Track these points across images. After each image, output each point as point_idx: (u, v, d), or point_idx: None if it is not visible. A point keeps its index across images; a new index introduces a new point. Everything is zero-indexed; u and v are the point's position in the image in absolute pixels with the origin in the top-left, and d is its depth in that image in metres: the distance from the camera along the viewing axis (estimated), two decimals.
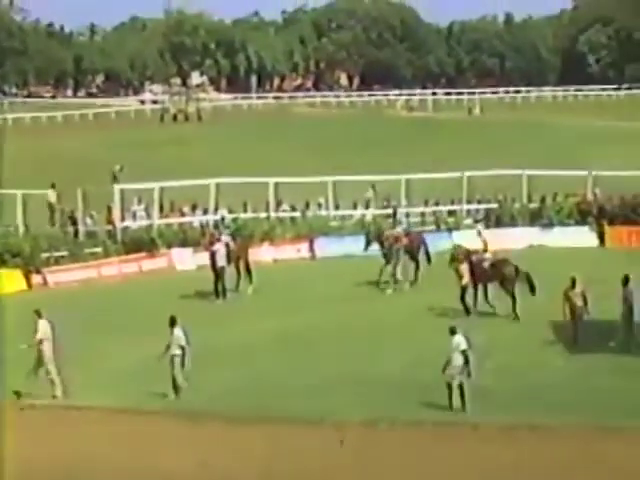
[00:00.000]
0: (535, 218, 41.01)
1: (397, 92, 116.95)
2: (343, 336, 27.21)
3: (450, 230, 40.26)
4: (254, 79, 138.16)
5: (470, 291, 28.96)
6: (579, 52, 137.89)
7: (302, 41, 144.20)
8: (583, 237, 39.89)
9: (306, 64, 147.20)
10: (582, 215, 40.75)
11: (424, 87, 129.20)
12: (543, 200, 42.12)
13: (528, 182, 42.15)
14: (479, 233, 31.74)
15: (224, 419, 20.86)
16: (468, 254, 29.67)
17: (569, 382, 22.95)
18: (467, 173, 42.21)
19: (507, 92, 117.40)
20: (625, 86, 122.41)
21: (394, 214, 36.22)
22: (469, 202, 42.50)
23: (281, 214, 41.07)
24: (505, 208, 41.64)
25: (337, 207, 41.94)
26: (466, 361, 21.12)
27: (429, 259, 33.29)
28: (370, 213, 42.18)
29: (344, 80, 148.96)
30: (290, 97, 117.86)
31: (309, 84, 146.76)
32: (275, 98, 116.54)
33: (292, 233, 39.22)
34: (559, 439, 19.60)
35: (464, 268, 28.92)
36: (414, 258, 33.24)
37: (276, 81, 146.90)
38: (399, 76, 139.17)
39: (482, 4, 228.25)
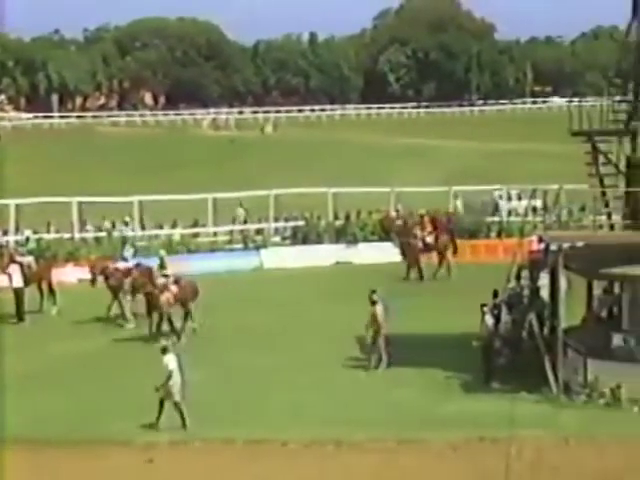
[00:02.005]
0: (340, 235, 41.66)
1: (204, 111, 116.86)
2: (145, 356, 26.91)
3: (258, 248, 40.54)
4: (55, 98, 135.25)
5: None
6: (380, 71, 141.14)
7: (105, 60, 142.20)
8: (387, 253, 40.70)
9: (110, 83, 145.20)
10: (385, 231, 41.60)
11: (231, 106, 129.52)
12: (348, 217, 42.85)
13: (333, 199, 42.85)
14: (161, 259, 30.15)
15: (32, 444, 20.31)
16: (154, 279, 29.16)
17: (372, 397, 23.39)
18: (274, 191, 42.59)
19: (312, 110, 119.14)
20: (424, 104, 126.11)
21: (123, 243, 33.49)
22: (276, 220, 42.87)
23: (86, 234, 40.36)
24: (311, 225, 42.15)
25: (143, 227, 41.50)
26: (171, 379, 21.22)
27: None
28: (177, 232, 41.90)
29: (149, 99, 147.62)
30: (94, 116, 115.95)
31: (113, 103, 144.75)
32: (78, 117, 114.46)
33: (97, 253, 38.48)
34: (363, 453, 19.98)
35: (169, 295, 28.59)
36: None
37: (79, 100, 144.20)
38: (205, 95, 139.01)
39: (286, 23, 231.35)
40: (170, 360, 21.40)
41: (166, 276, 29.23)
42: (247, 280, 36.98)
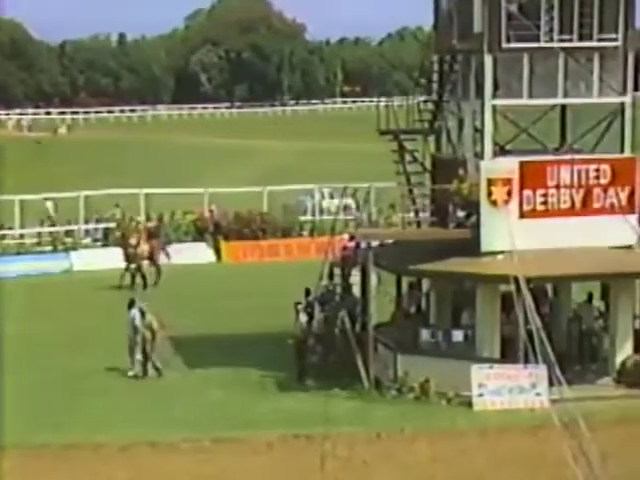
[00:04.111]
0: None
1: (8, 112, 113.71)
2: None
3: (67, 250, 39.78)
4: None
5: None
6: (192, 71, 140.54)
7: None
8: (201, 254, 40.59)
9: None
10: (199, 232, 41.52)
11: (37, 107, 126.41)
12: (161, 218, 42.45)
13: (146, 200, 42.39)
14: None
15: None
16: None
17: (186, 398, 23.30)
18: (84, 192, 41.90)
19: (122, 111, 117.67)
20: (237, 105, 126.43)
21: None
22: (87, 222, 42.13)
23: None
24: (123, 227, 41.48)
25: None
26: None
27: None
28: None
29: None
30: None
31: None
32: None
33: None
34: (179, 453, 19.90)
35: None
36: None
37: None
38: (10, 95, 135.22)
39: (94, 23, 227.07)
40: None
41: None
42: (56, 283, 36.23)
